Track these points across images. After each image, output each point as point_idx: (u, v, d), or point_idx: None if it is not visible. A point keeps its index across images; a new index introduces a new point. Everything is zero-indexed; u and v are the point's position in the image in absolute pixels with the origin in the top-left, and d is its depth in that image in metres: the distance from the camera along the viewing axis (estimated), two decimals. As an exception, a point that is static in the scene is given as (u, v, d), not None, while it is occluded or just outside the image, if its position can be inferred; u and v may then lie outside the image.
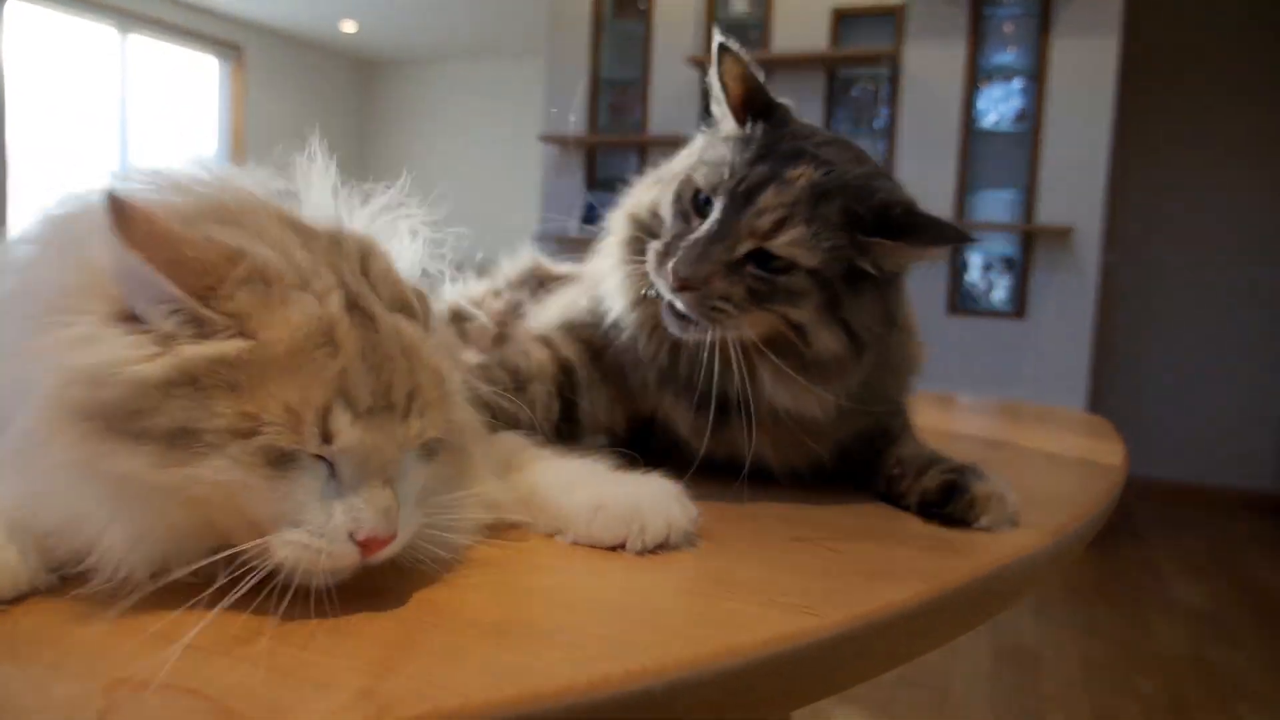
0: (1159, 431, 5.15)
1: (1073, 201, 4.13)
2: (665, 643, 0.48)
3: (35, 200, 0.59)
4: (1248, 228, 5.03)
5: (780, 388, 0.77)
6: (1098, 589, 3.61)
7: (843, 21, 4.64)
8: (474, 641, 0.47)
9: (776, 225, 0.75)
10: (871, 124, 4.55)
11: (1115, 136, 4.16)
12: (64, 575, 0.51)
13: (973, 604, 0.64)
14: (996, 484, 0.75)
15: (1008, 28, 4.36)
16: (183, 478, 0.47)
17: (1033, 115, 4.28)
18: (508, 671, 0.43)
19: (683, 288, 0.74)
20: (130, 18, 6.77)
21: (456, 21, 7.41)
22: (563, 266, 1.19)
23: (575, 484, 0.67)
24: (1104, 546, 4.06)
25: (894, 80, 4.50)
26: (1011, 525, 0.73)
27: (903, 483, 0.79)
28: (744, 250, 0.75)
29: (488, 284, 1.20)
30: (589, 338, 0.89)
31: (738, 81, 0.84)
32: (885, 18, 4.55)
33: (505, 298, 1.15)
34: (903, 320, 0.84)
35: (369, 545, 0.51)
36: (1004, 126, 4.37)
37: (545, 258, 1.22)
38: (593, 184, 5.26)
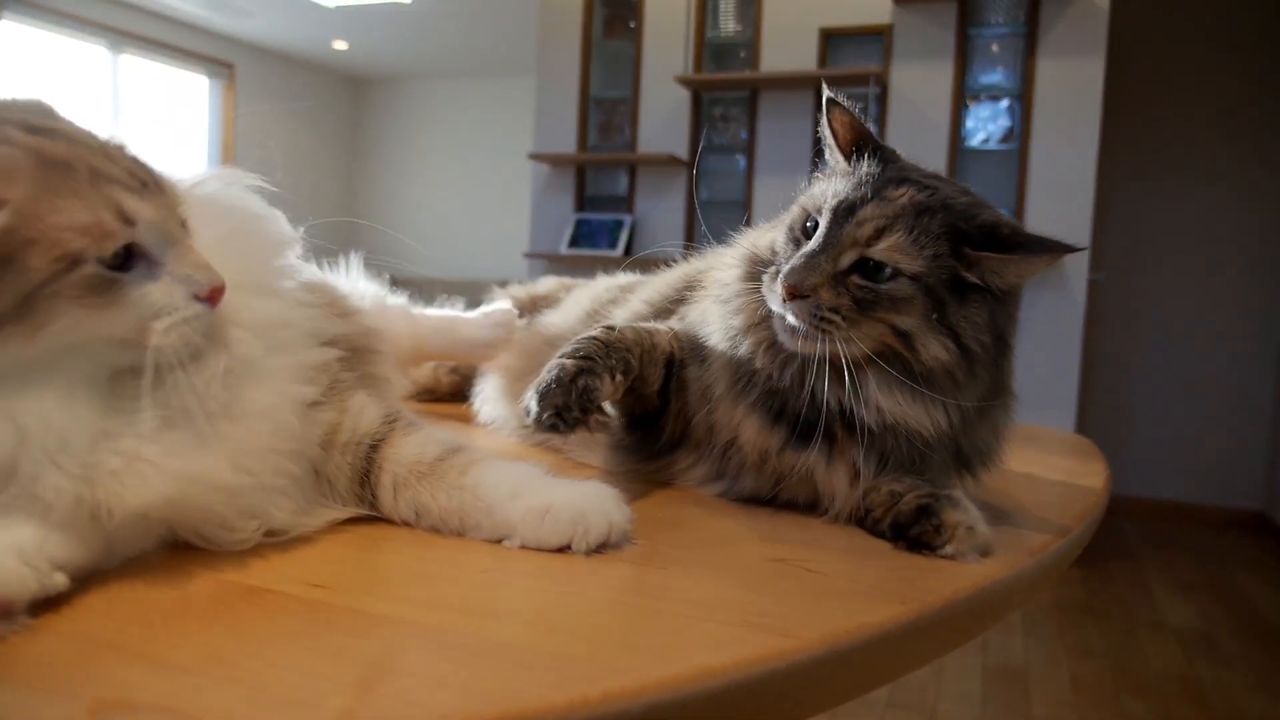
0: (1148, 450, 5.18)
1: (1060, 220, 4.16)
2: (643, 665, 0.48)
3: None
4: (1234, 246, 5.08)
5: (889, 397, 0.77)
6: (1087, 608, 3.61)
7: (830, 41, 4.69)
8: (454, 663, 0.47)
9: (877, 233, 0.78)
10: (860, 144, 4.58)
11: (1102, 156, 4.21)
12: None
13: (952, 625, 0.64)
14: (970, 514, 0.74)
15: (995, 48, 4.41)
16: (46, 338, 0.52)
17: (1020, 135, 4.32)
18: (487, 693, 0.44)
19: (792, 296, 0.77)
20: (122, 36, 6.79)
21: (446, 40, 7.45)
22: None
23: (520, 490, 0.68)
24: (1093, 566, 4.07)
25: (882, 100, 4.54)
26: (980, 557, 0.71)
27: (880, 508, 0.79)
28: (848, 261, 0.78)
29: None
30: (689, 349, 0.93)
31: (845, 127, 0.89)
32: (873, 38, 4.60)
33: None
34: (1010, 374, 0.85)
35: (212, 297, 0.59)
36: (992, 146, 4.41)
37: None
38: (582, 203, 5.28)
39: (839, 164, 0.89)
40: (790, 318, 0.78)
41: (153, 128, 7.13)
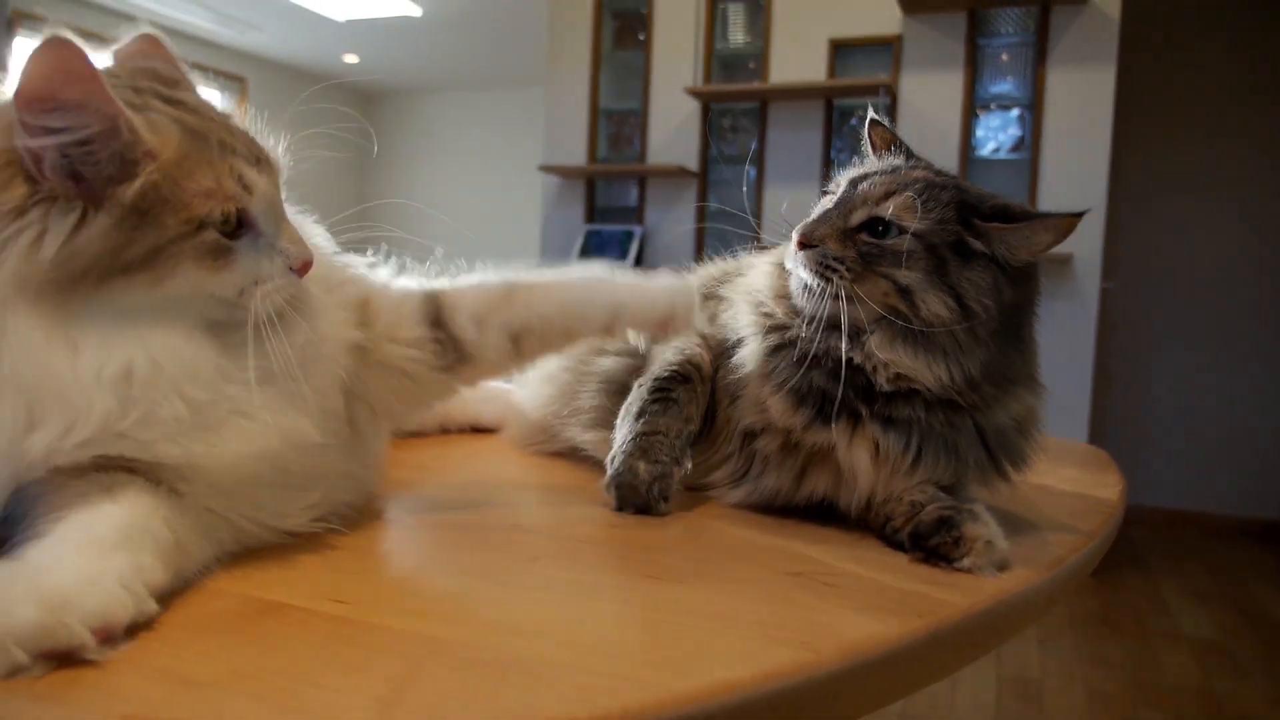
0: (1161, 460, 5.15)
1: (1071, 230, 4.15)
2: (663, 679, 0.48)
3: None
4: (1247, 255, 5.05)
5: (889, 350, 0.80)
6: (1102, 619, 3.59)
7: (839, 52, 4.70)
8: (477, 678, 0.48)
9: (885, 194, 0.84)
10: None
11: (1113, 164, 4.20)
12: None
13: (970, 639, 0.64)
14: (990, 528, 0.74)
15: (1004, 57, 4.42)
16: (169, 289, 0.58)
17: (1031, 144, 4.32)
18: (511, 709, 0.44)
19: (802, 246, 0.84)
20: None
21: (456, 53, 7.50)
22: None
23: (615, 273, 0.84)
24: (1108, 576, 4.04)
25: (892, 110, 4.54)
26: (997, 571, 0.71)
27: (900, 517, 0.79)
28: (858, 219, 0.84)
29: None
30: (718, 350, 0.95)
31: (881, 137, 0.98)
32: (882, 48, 4.61)
33: None
34: (1037, 372, 0.88)
35: (302, 269, 0.65)
36: (1002, 155, 4.40)
37: None
38: (592, 214, 5.29)
39: (870, 160, 0.96)
40: (802, 271, 0.83)
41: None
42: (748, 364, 0.88)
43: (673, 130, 5.02)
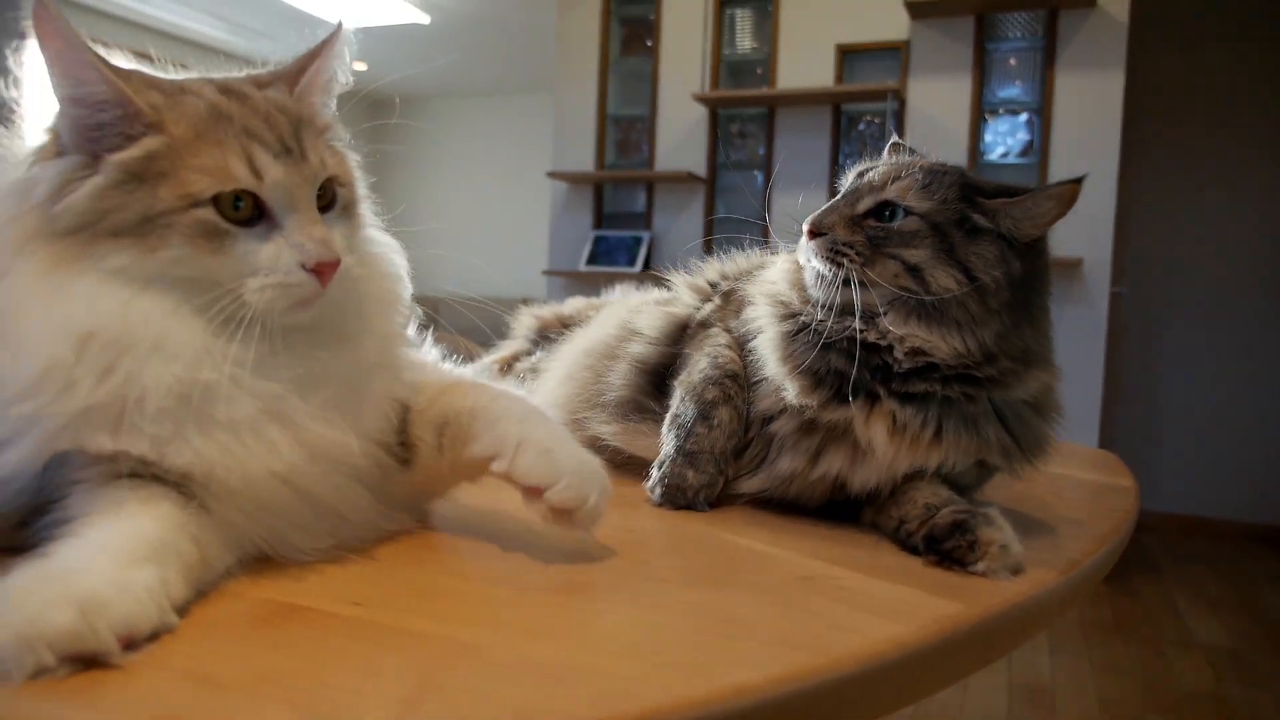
0: (1172, 465, 5.12)
1: (1081, 234, 4.14)
2: (677, 682, 0.49)
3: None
4: (1258, 259, 5.03)
5: (903, 326, 0.82)
6: (1114, 625, 3.57)
7: (847, 58, 4.71)
8: (496, 681, 0.48)
9: (888, 179, 0.87)
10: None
11: (1122, 169, 4.19)
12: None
13: (984, 642, 0.64)
14: (1005, 532, 0.74)
15: (1013, 62, 4.41)
16: (159, 262, 0.58)
17: (1040, 148, 4.31)
18: (527, 709, 0.44)
19: (812, 235, 0.86)
20: (144, 59, 6.89)
21: (465, 59, 7.53)
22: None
23: (531, 420, 0.70)
24: (1120, 582, 4.02)
25: (900, 115, 4.55)
26: (1011, 575, 0.72)
27: (915, 520, 0.79)
28: (864, 206, 0.87)
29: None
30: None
31: (897, 153, 0.99)
32: (889, 53, 4.61)
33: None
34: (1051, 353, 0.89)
35: (321, 271, 0.62)
36: (1011, 160, 4.40)
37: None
38: (600, 220, 5.30)
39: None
40: (814, 260, 0.86)
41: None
42: (765, 350, 0.89)
43: (681, 136, 5.03)
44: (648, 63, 5.14)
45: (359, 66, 0.84)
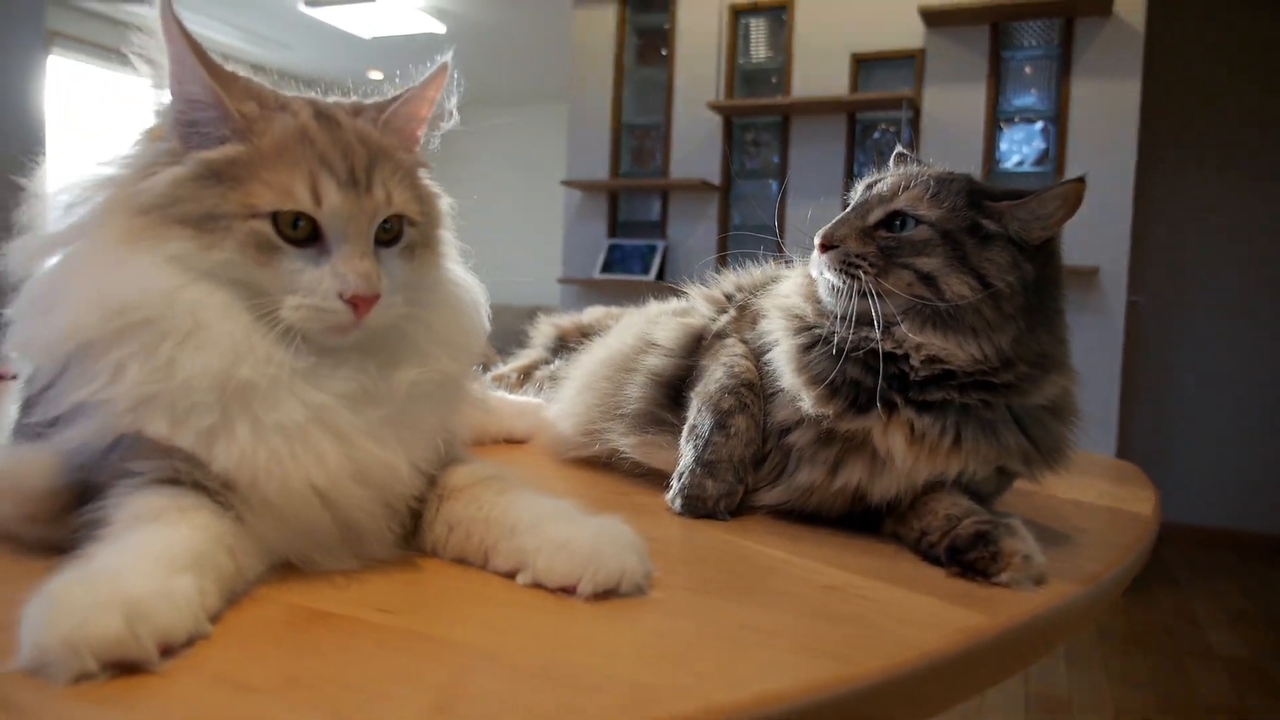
0: (1191, 475, 5.08)
1: (1098, 242, 4.13)
2: (707, 689, 0.49)
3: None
4: (1276, 267, 5.00)
5: (920, 334, 0.83)
6: (1132, 636, 3.54)
7: (862, 66, 4.71)
8: (522, 686, 0.48)
9: (897, 189, 0.88)
10: (893, 167, 4.59)
11: (1139, 177, 4.17)
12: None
13: (1010, 652, 0.64)
14: (1027, 543, 0.74)
15: (1028, 70, 4.41)
16: (213, 260, 0.62)
17: (1055, 157, 4.30)
18: (557, 716, 0.45)
19: (824, 248, 0.87)
20: (166, 71, 6.96)
21: (480, 69, 7.56)
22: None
23: (544, 519, 0.67)
24: (1137, 593, 3.99)
25: (915, 124, 4.54)
26: (1034, 586, 0.71)
27: (936, 531, 0.79)
28: (875, 218, 0.87)
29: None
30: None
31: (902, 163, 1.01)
32: (904, 61, 4.61)
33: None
34: (1069, 360, 0.89)
35: (357, 304, 0.63)
36: (1026, 168, 4.39)
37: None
38: (615, 228, 5.32)
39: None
40: (827, 273, 0.86)
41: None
42: (780, 362, 0.90)
43: (695, 144, 5.05)
44: (663, 71, 5.15)
45: (374, 75, 0.85)
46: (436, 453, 0.72)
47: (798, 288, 0.95)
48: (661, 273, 5.01)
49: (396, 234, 0.69)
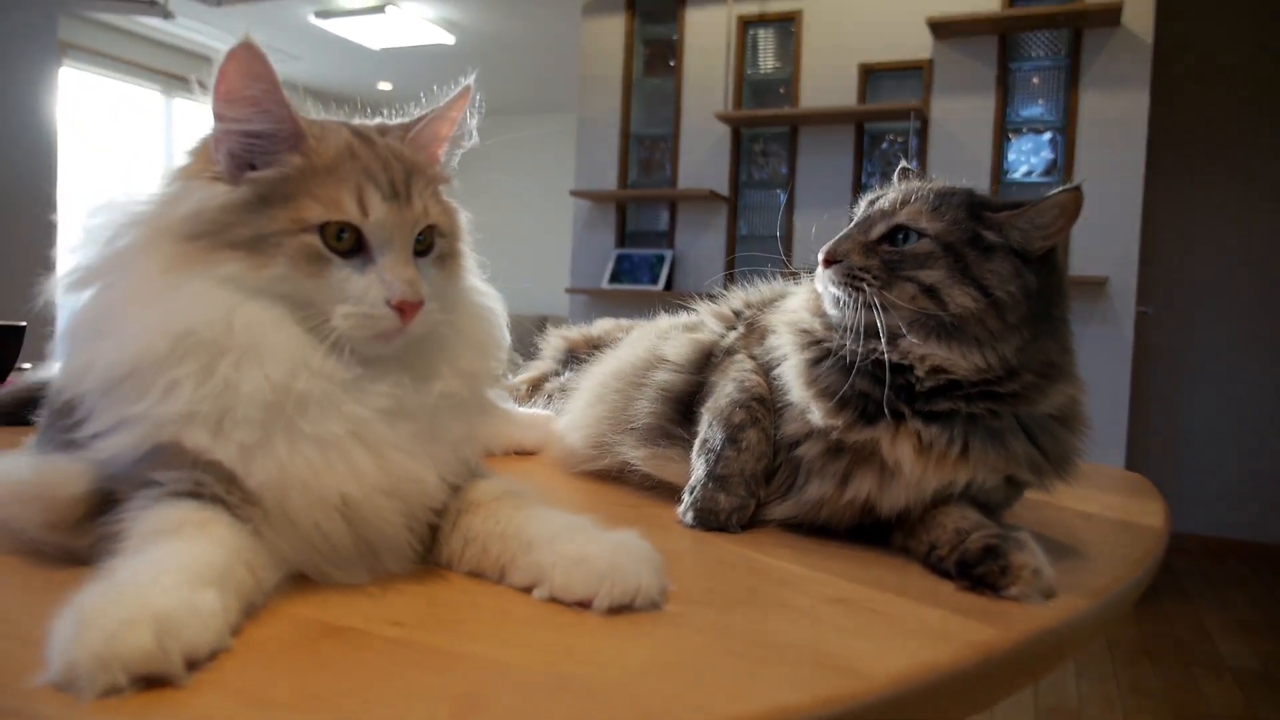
0: (1200, 486, 5.06)
1: (1106, 253, 4.13)
2: (718, 703, 0.49)
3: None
4: (1285, 278, 4.98)
5: (924, 346, 0.84)
6: (1142, 648, 3.53)
7: (870, 77, 4.72)
8: (536, 700, 0.49)
9: (899, 204, 0.89)
10: (901, 177, 4.59)
11: (1147, 188, 4.17)
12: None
13: (1020, 666, 0.65)
14: (1037, 557, 0.74)
15: (1036, 81, 4.41)
16: (265, 277, 0.64)
17: (1063, 167, 4.30)
18: (571, 731, 0.45)
19: (828, 262, 0.89)
20: (175, 81, 7.02)
21: (489, 80, 7.57)
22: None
23: (560, 535, 0.67)
24: (1148, 604, 3.97)
25: (923, 134, 4.55)
26: (1044, 600, 0.72)
27: (945, 545, 0.79)
28: (878, 232, 0.89)
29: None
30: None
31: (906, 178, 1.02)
32: (913, 72, 4.62)
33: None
34: (1075, 370, 0.90)
35: (403, 310, 0.66)
36: (1035, 179, 4.39)
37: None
38: (623, 238, 5.33)
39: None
40: (832, 287, 0.88)
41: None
42: (789, 376, 0.91)
43: (703, 155, 5.06)
44: (671, 82, 5.17)
45: (384, 86, 0.87)
46: (465, 464, 0.73)
47: (804, 303, 0.96)
48: (670, 283, 5.02)
49: (429, 244, 0.71)
